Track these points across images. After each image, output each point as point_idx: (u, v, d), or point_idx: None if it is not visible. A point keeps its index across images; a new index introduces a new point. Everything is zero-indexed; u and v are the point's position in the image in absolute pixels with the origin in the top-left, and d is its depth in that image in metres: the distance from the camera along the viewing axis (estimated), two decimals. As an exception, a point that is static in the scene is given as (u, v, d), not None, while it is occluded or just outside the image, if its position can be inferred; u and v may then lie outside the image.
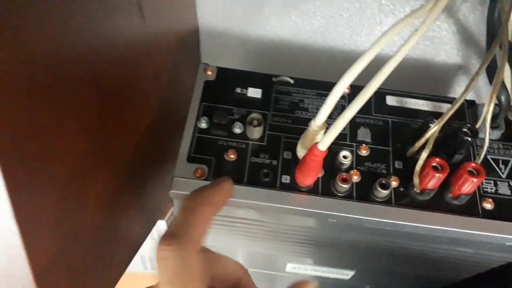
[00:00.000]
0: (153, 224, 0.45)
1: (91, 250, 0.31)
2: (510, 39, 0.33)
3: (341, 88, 0.27)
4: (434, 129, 0.30)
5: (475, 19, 0.43)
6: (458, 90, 0.46)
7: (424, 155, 0.30)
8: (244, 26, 0.46)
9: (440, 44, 0.44)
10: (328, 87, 0.36)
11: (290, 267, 0.45)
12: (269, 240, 0.38)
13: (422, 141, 0.31)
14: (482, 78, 0.35)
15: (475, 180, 0.29)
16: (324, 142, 0.28)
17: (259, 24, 0.45)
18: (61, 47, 0.22)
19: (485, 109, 0.31)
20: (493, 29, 0.33)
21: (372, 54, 0.26)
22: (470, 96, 0.40)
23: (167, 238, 0.24)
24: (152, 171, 0.40)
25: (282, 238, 0.37)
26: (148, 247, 0.63)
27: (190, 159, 0.32)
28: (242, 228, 0.36)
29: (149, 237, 0.45)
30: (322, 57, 0.46)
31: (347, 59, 0.44)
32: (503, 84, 0.33)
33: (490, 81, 0.33)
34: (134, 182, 0.37)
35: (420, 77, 0.45)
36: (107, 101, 0.29)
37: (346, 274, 0.45)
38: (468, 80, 0.44)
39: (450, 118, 0.35)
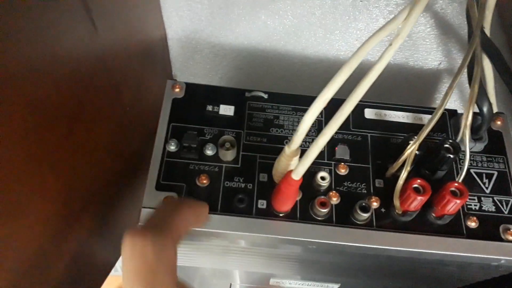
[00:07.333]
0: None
1: (49, 277, 0.30)
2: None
3: (312, 116, 0.25)
4: (411, 148, 0.28)
5: (454, 12, 0.41)
6: (440, 87, 0.44)
7: (403, 176, 0.28)
8: (213, 29, 0.43)
9: (418, 39, 0.42)
10: (303, 101, 0.34)
11: (274, 282, 0.44)
12: (248, 260, 0.37)
13: (400, 161, 0.29)
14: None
15: (458, 201, 0.28)
16: (298, 171, 0.26)
17: (228, 26, 0.43)
18: None
19: (463, 121, 0.29)
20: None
21: (349, 70, 0.24)
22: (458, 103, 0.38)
23: (147, 226, 0.24)
24: (117, 192, 0.38)
25: (262, 258, 0.36)
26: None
27: (159, 187, 0.30)
28: (220, 251, 0.35)
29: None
30: (295, 58, 0.43)
31: (321, 60, 0.41)
32: (484, 91, 0.32)
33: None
34: (94, 203, 0.35)
35: (400, 74, 0.43)
36: (53, 119, 0.26)
37: None
38: (449, 77, 0.43)
39: (431, 130, 0.33)
